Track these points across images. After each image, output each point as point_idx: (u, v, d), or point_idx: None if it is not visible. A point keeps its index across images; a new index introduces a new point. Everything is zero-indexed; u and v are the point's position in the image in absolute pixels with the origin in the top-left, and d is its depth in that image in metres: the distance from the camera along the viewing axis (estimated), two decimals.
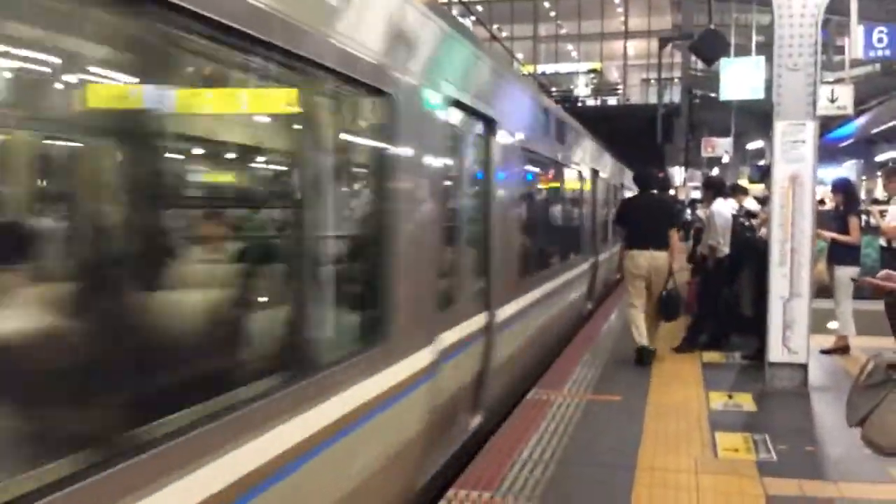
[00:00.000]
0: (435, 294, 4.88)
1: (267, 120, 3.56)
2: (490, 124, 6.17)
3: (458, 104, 5.30)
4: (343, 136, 4.04)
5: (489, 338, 6.08)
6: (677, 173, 35.40)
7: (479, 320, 5.87)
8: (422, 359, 4.53)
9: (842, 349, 8.67)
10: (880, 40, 11.91)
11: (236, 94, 3.31)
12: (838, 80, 13.82)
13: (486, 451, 5.50)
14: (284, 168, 3.71)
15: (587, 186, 12.50)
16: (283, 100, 3.41)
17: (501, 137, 6.44)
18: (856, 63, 15.22)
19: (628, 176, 18.56)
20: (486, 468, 5.14)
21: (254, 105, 3.44)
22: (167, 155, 2.74)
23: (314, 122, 3.52)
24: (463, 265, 5.72)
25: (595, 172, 13.23)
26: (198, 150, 3.30)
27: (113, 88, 2.50)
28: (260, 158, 3.78)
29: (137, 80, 2.50)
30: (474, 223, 6.03)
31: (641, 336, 8.32)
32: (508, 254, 6.79)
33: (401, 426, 4.33)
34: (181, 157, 3.02)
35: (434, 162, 4.83)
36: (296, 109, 3.42)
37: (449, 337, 5.08)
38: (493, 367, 6.15)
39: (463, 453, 5.52)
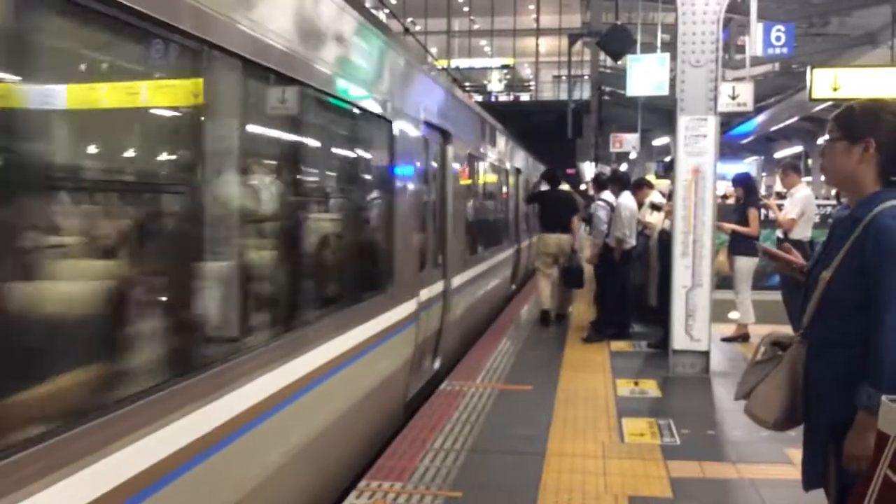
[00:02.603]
0: (418, 260, 6.68)
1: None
2: (445, 136, 7.87)
3: (427, 124, 6.97)
4: (373, 152, 5.85)
5: (446, 299, 7.78)
6: (588, 168, 36.05)
7: (440, 285, 7.59)
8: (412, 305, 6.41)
9: (742, 337, 9.00)
10: (778, 38, 12.40)
11: None
12: (739, 79, 14.31)
13: (398, 442, 5.51)
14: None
15: (513, 183, 13.87)
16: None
17: (455, 147, 8.22)
18: (756, 62, 15.77)
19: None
20: (397, 459, 5.15)
21: None
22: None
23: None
24: (430, 241, 7.35)
25: (519, 171, 14.78)
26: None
27: None
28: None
29: None
30: (434, 211, 7.68)
31: (543, 302, 10.51)
32: (458, 235, 8.51)
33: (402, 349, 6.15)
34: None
35: (419, 168, 6.81)
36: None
37: (424, 293, 6.85)
38: (447, 323, 7.83)
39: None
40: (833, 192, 13.73)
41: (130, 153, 3.17)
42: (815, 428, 2.66)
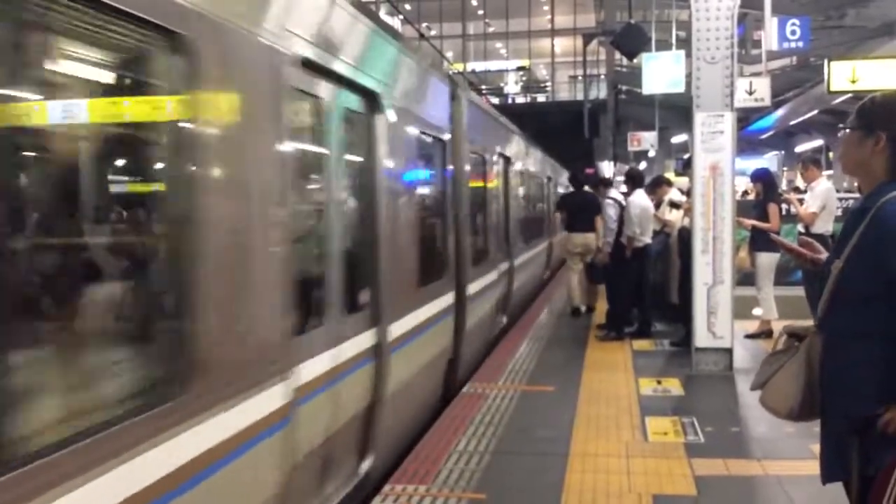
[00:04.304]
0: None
1: None
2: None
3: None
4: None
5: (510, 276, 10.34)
6: (606, 167, 35.97)
7: (502, 265, 9.81)
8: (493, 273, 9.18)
9: (765, 333, 8.93)
10: (793, 32, 12.33)
11: None
12: (756, 74, 14.22)
13: (422, 445, 5.53)
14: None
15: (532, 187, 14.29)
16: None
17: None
18: (773, 56, 15.67)
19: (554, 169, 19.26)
20: (421, 462, 5.17)
21: None
22: None
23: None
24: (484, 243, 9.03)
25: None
26: None
27: None
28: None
29: None
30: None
31: (574, 299, 11.29)
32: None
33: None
34: None
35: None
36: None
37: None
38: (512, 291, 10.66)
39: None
40: (855, 184, 13.61)
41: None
42: (832, 420, 2.66)
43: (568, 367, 7.95)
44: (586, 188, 11.69)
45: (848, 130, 2.69)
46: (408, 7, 40.72)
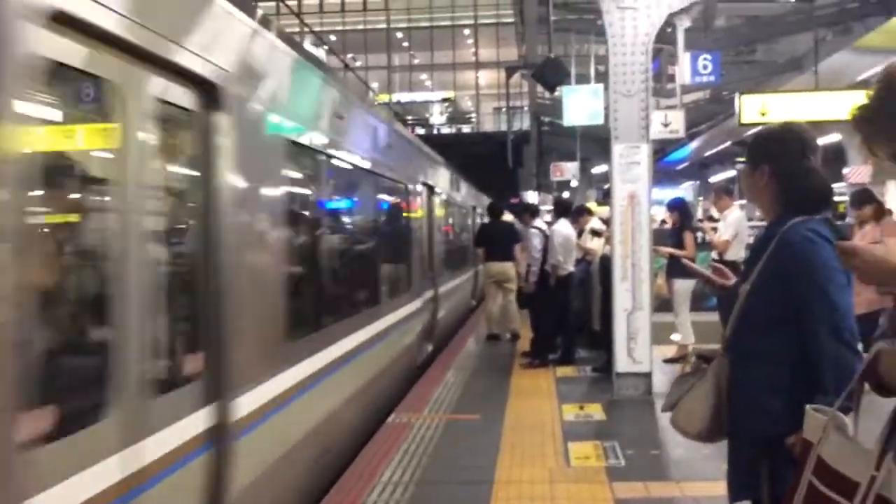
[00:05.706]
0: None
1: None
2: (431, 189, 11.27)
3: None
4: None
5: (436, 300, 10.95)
6: (531, 197, 36.48)
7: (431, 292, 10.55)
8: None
9: (683, 357, 9.16)
10: (705, 67, 12.82)
11: None
12: (671, 107, 14.68)
13: (346, 476, 5.49)
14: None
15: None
16: None
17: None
18: (688, 90, 16.19)
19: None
20: (346, 493, 5.13)
21: None
22: None
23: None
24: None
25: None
26: None
27: None
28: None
29: None
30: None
31: (491, 327, 11.87)
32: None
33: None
34: None
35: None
36: None
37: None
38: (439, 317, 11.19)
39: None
40: None
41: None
42: (740, 441, 2.74)
43: (493, 394, 8.00)
44: (504, 218, 12.11)
45: (744, 164, 2.82)
46: (332, 38, 40.80)
